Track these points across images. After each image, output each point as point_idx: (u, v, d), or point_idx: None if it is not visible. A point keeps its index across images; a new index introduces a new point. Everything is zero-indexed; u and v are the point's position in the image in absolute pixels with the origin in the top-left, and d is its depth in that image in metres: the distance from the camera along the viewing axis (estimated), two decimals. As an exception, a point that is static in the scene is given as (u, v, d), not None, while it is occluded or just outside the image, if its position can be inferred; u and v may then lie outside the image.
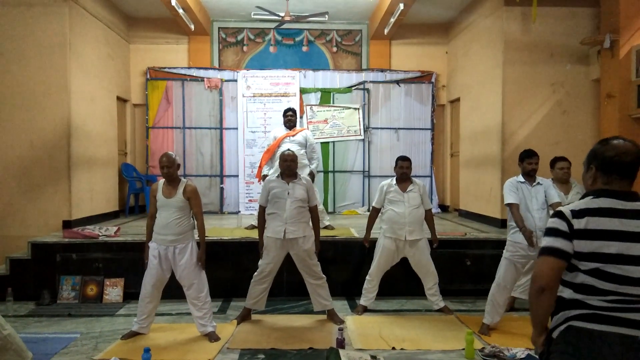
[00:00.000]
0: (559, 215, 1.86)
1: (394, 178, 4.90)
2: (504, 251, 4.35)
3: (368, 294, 4.97)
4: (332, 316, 4.70)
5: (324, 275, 4.66)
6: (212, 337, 4.19)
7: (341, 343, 3.99)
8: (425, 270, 4.88)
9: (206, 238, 4.27)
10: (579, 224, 1.79)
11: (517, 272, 4.37)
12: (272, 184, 4.57)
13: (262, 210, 4.62)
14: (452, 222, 7.43)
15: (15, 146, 6.24)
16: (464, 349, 3.90)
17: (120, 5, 8.04)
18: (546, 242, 1.86)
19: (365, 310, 4.98)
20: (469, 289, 5.57)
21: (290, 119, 6.21)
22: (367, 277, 4.98)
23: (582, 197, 1.90)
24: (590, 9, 6.61)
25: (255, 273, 4.63)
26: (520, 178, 4.37)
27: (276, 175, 4.69)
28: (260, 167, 6.36)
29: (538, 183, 4.34)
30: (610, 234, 1.77)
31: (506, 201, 4.31)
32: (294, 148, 5.67)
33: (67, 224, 6.23)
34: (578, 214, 1.81)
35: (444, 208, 9.05)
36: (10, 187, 6.22)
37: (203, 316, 4.21)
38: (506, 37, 6.64)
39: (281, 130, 6.30)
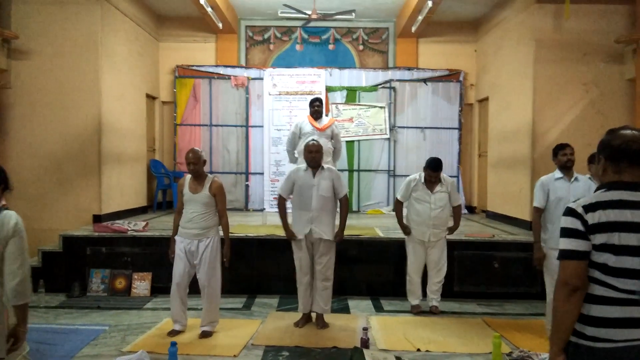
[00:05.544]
0: (571, 213, 1.80)
1: (422, 175, 4.81)
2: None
3: (415, 293, 4.95)
4: (321, 321, 4.51)
5: (332, 279, 4.50)
6: (205, 334, 4.17)
7: (365, 343, 3.96)
8: (440, 266, 4.86)
9: (231, 235, 4.29)
10: (593, 218, 1.76)
11: None
12: (298, 175, 4.46)
13: (282, 200, 4.51)
14: (480, 224, 7.31)
15: (49, 141, 6.41)
16: (491, 352, 3.83)
17: (150, 3, 8.15)
18: (563, 244, 1.81)
19: (420, 309, 4.91)
20: (496, 291, 5.48)
21: (317, 109, 6.14)
22: (407, 278, 4.97)
23: (595, 191, 1.88)
24: (625, 6, 6.40)
25: (296, 270, 4.51)
26: (558, 174, 4.11)
27: (303, 167, 4.54)
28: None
29: (576, 179, 4.08)
30: (620, 226, 1.74)
31: (534, 203, 4.18)
32: (322, 140, 5.61)
33: (97, 218, 6.37)
34: (590, 207, 1.78)
35: (471, 209, 8.91)
36: (43, 181, 6.39)
37: (211, 312, 4.24)
38: (538, 35, 6.48)
39: (308, 123, 6.23)
